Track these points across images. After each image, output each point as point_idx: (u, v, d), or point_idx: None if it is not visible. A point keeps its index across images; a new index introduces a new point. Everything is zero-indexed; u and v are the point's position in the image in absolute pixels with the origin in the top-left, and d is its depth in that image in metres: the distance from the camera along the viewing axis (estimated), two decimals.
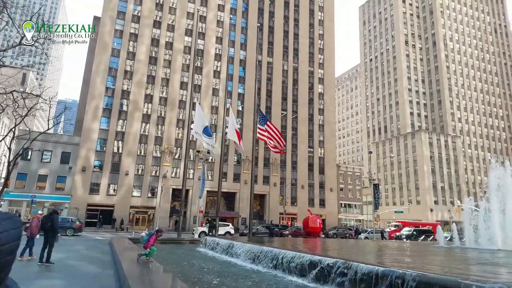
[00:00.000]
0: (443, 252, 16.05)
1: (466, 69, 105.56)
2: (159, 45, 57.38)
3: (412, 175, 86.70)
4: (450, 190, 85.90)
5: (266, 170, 60.80)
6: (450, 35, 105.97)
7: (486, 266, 9.77)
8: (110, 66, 53.74)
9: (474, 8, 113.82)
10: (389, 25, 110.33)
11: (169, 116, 55.77)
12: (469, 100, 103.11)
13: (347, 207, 71.05)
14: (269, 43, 66.10)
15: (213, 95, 59.56)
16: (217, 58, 61.17)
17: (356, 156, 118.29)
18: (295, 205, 61.21)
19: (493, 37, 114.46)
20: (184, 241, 24.66)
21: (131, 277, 7.84)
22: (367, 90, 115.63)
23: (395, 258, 11.82)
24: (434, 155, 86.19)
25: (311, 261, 9.37)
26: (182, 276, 9.62)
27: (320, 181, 65.07)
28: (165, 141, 54.59)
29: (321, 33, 72.53)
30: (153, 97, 55.52)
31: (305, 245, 17.71)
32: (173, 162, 54.57)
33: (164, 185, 51.66)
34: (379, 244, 22.71)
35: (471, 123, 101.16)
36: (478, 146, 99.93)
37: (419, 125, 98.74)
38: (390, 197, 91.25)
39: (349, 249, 16.96)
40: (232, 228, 40.85)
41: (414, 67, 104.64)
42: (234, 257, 14.35)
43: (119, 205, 50.03)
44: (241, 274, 10.89)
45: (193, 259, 14.76)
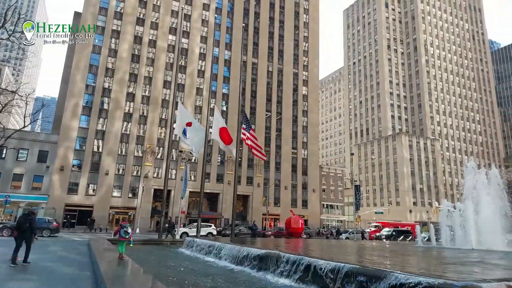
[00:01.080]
0: (413, 251, 16.42)
1: (445, 74, 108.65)
2: (142, 43, 56.46)
3: (392, 176, 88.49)
4: (429, 192, 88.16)
5: (250, 171, 60.75)
6: (431, 40, 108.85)
7: (443, 263, 10.02)
8: (90, 63, 52.47)
9: (454, 15, 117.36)
10: (372, 29, 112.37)
11: (151, 115, 54.93)
12: (448, 104, 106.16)
13: (329, 207, 71.82)
14: (254, 43, 66.12)
15: (197, 94, 59.06)
16: (201, 58, 60.70)
17: (339, 157, 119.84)
18: (278, 206, 61.40)
19: (471, 43, 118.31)
20: (165, 242, 24.38)
21: (108, 278, 7.63)
22: (350, 92, 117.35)
23: (358, 255, 11.99)
24: (413, 157, 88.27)
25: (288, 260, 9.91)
26: (161, 277, 9.46)
27: (303, 182, 65.53)
28: (147, 141, 53.73)
29: (306, 35, 73.11)
30: (135, 95, 54.56)
31: (287, 245, 17.73)
32: (155, 162, 53.78)
33: (146, 186, 50.84)
34: (355, 244, 23.01)
35: (449, 127, 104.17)
36: (455, 149, 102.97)
37: (400, 128, 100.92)
38: (371, 198, 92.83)
39: (322, 248, 17.11)
40: (214, 229, 40.59)
41: (396, 71, 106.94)
42: (215, 257, 14.31)
43: (98, 205, 48.90)
44: (221, 274, 10.84)
45: (173, 260, 14.61)
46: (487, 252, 15.46)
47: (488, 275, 7.26)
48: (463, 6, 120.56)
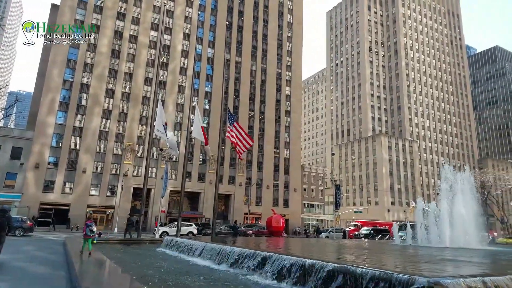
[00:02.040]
0: (389, 249, 16.78)
1: (424, 77, 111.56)
2: (122, 38, 55.26)
3: (371, 177, 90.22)
4: (406, 192, 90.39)
5: (232, 170, 60.55)
6: (411, 44, 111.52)
7: (407, 258, 10.28)
8: (68, 58, 50.94)
9: (433, 20, 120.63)
10: (355, 32, 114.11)
11: (131, 112, 53.88)
12: (426, 107, 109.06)
13: (309, 207, 72.52)
14: (237, 42, 65.89)
15: (179, 92, 58.35)
16: (184, 55, 59.99)
17: (320, 157, 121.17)
18: (259, 205, 61.48)
19: (449, 48, 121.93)
20: (144, 241, 24.06)
21: (83, 277, 7.41)
22: (332, 94, 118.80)
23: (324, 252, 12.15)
24: (392, 158, 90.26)
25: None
26: (138, 276, 9.27)
27: (285, 181, 65.88)
28: (126, 138, 52.67)
29: (290, 36, 73.47)
30: (115, 92, 53.37)
31: (266, 243, 17.76)
32: (135, 160, 52.81)
33: (125, 184, 49.88)
34: (334, 243, 23.31)
35: (427, 129, 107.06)
36: (432, 150, 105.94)
37: (380, 129, 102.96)
38: (350, 198, 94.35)
39: (298, 246, 17.26)
40: (195, 228, 40.37)
41: (377, 73, 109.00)
42: (194, 256, 14.27)
43: (75, 204, 47.60)
44: (200, 272, 10.80)
45: (152, 259, 14.47)
46: (460, 250, 15.94)
47: (459, 272, 7.48)
48: (442, 11, 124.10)
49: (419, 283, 5.87)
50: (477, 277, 6.29)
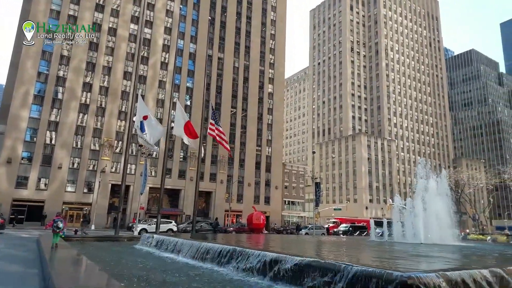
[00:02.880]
0: (365, 245, 17.10)
1: (403, 78, 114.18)
2: (101, 31, 53.74)
3: (351, 175, 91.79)
4: (384, 190, 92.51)
5: (213, 167, 60.19)
6: (391, 45, 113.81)
7: (376, 252, 10.50)
8: (43, 49, 49.10)
9: (413, 22, 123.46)
10: (337, 31, 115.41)
11: (110, 107, 52.58)
12: (404, 107, 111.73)
13: (290, 204, 73.08)
14: (220, 38, 65.36)
15: (160, 87, 57.39)
16: (165, 49, 58.98)
17: (301, 155, 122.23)
18: (241, 202, 61.44)
19: (428, 50, 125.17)
20: (122, 238, 23.66)
21: (58, 275, 7.12)
22: (314, 92, 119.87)
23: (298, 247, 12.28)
24: (371, 157, 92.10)
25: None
26: (115, 274, 9.06)
27: (267, 179, 66.07)
28: (104, 134, 51.42)
29: (273, 33, 73.50)
30: (93, 85, 51.92)
31: (243, 240, 17.75)
32: (113, 156, 51.64)
33: (102, 180, 48.72)
34: (312, 239, 23.55)
35: (405, 129, 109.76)
36: (410, 150, 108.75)
37: (360, 128, 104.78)
38: (330, 195, 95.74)
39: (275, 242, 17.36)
40: (175, 225, 39.97)
41: (358, 73, 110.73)
42: (173, 253, 14.23)
43: (50, 200, 46.13)
44: (178, 269, 10.75)
45: (129, 256, 14.29)
46: (433, 246, 16.39)
47: (431, 267, 7.66)
48: (422, 13, 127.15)
49: (393, 277, 5.95)
50: (449, 271, 6.47)
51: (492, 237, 39.27)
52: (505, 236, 42.54)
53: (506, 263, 8.62)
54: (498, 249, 16.68)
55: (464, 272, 6.49)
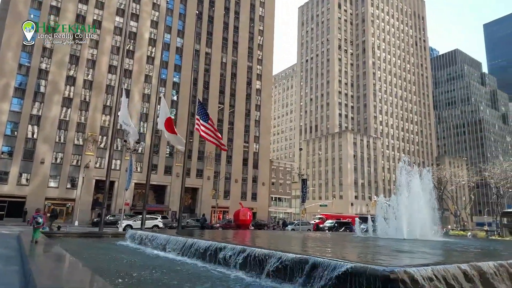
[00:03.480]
0: (349, 240, 17.32)
1: (389, 77, 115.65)
2: (85, 23, 52.47)
3: (337, 172, 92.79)
4: (369, 187, 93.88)
5: (200, 163, 59.83)
6: (378, 44, 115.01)
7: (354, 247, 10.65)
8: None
9: (400, 21, 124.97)
10: (325, 29, 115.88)
11: (94, 101, 51.54)
12: (390, 105, 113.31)
13: (277, 200, 73.41)
14: (208, 33, 64.74)
15: (146, 82, 56.54)
16: (151, 43, 58.09)
17: (289, 152, 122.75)
18: (227, 199, 61.34)
19: (413, 49, 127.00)
20: (106, 234, 23.36)
21: (39, 272, 6.90)
22: (302, 89, 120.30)
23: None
24: (357, 154, 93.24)
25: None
26: (99, 270, 8.91)
27: (254, 175, 66.11)
28: (88, 128, 50.43)
29: (261, 29, 73.25)
30: (77, 79, 50.77)
31: (229, 236, 17.74)
32: (98, 151, 50.74)
33: (86, 176, 47.86)
34: (296, 235, 23.70)
35: (390, 126, 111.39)
36: (394, 147, 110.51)
37: (346, 125, 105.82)
38: (316, 192, 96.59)
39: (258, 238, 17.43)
40: (161, 221, 39.59)
41: (345, 71, 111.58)
42: (159, 249, 14.18)
43: (32, 196, 45.07)
44: (163, 265, 10.69)
45: (114, 252, 14.14)
46: (416, 242, 16.69)
47: (413, 262, 7.78)
48: (409, 13, 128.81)
49: (376, 272, 6.02)
50: (429, 266, 6.62)
51: (472, 233, 40.35)
52: (484, 232, 43.80)
53: (484, 258, 8.84)
54: (476, 244, 17.14)
55: (445, 267, 6.67)
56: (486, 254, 12.05)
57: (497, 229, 48.93)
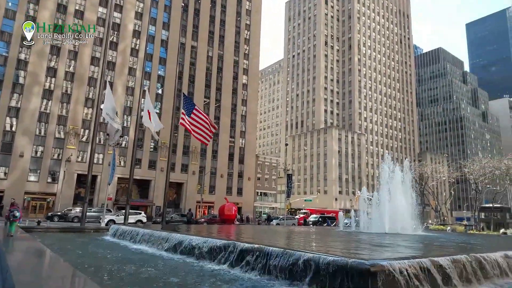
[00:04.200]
0: (332, 234, 17.54)
1: (374, 74, 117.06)
2: (66, 12, 50.93)
3: (322, 167, 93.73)
4: (353, 182, 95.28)
5: (185, 158, 59.32)
6: (364, 41, 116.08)
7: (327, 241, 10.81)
8: (2, 30, 46.01)
9: (385, 18, 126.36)
10: (312, 24, 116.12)
11: (76, 93, 50.26)
12: (374, 102, 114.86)
13: (262, 195, 73.67)
14: (194, 26, 63.86)
15: (129, 74, 55.43)
16: (135, 35, 56.91)
17: (274, 147, 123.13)
18: (213, 194, 61.12)
19: (398, 47, 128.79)
20: (88, 229, 23.14)
21: (18, 269, 6.70)
22: (288, 85, 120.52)
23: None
24: (342, 150, 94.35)
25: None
26: (80, 266, 8.75)
27: (239, 170, 66.02)
28: (70, 121, 49.20)
29: (248, 23, 72.77)
30: (58, 70, 49.35)
31: (211, 230, 17.71)
32: (79, 145, 49.63)
33: (68, 170, 46.81)
34: (280, 229, 23.83)
35: (374, 123, 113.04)
36: (378, 143, 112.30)
37: (331, 121, 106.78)
38: (301, 187, 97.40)
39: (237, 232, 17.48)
40: (144, 216, 39.36)
41: (331, 67, 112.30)
42: (141, 244, 14.13)
43: (10, 190, 43.69)
44: (145, 260, 10.62)
45: (96, 247, 14.04)
46: (397, 236, 17.02)
47: (394, 255, 7.93)
48: (394, 11, 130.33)
49: (357, 265, 6.11)
50: (409, 259, 6.78)
51: (451, 228, 41.50)
52: (463, 227, 45.13)
53: (461, 252, 9.08)
54: (454, 238, 17.62)
55: (424, 260, 6.86)
56: (463, 248, 12.38)
57: (475, 224, 50.51)
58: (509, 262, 8.52)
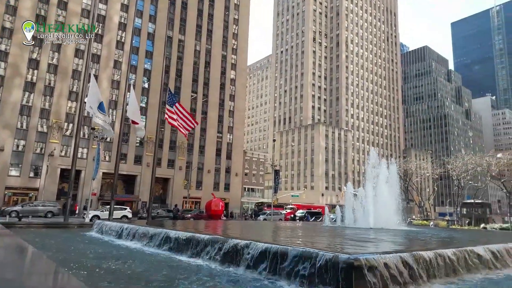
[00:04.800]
0: (317, 230, 17.70)
1: (361, 71, 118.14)
2: (49, 3, 49.54)
3: (309, 163, 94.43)
4: (339, 178, 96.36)
5: (172, 153, 58.81)
6: (351, 38, 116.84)
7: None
8: None
9: (373, 16, 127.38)
10: (300, 20, 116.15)
11: (59, 86, 49.10)
12: (361, 99, 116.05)
13: (250, 191, 73.79)
14: (181, 19, 63.04)
15: (115, 68, 54.46)
16: (121, 28, 55.83)
17: (262, 143, 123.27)
18: (200, 189, 60.87)
19: (385, 44, 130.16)
20: (72, 225, 22.79)
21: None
22: (276, 81, 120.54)
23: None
24: (328, 146, 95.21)
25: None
26: (63, 262, 8.57)
27: (227, 166, 65.87)
28: (53, 115, 48.10)
29: (236, 18, 72.26)
30: (40, 62, 48.08)
31: (196, 226, 17.64)
32: (63, 139, 48.60)
33: (51, 164, 45.81)
34: (267, 224, 23.91)
35: (361, 120, 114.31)
36: (364, 140, 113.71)
37: (319, 118, 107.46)
38: (289, 183, 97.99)
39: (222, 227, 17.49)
40: (130, 212, 38.97)
41: (319, 64, 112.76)
42: (126, 240, 14.00)
43: None
44: (130, 256, 10.50)
45: (80, 243, 13.77)
46: (381, 230, 17.27)
47: (377, 249, 8.04)
48: (381, 8, 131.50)
49: (341, 259, 6.16)
50: (392, 253, 6.88)
51: (434, 223, 42.43)
52: (445, 222, 46.23)
53: (443, 246, 9.26)
54: (437, 233, 18.00)
55: (407, 254, 6.97)
56: (446, 243, 12.64)
57: (457, 219, 51.80)
58: (485, 256, 8.78)
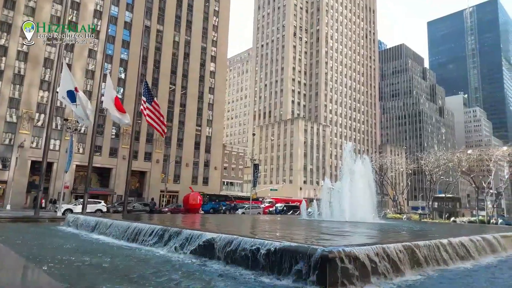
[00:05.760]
0: (290, 223, 17.91)
1: (340, 67, 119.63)
2: None
3: (288, 157, 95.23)
4: (317, 172, 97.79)
5: (149, 146, 57.69)
6: (331, 34, 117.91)
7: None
8: None
9: (353, 12, 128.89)
10: (281, 15, 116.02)
11: (30, 75, 46.96)
12: (340, 94, 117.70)
13: (229, 185, 73.69)
14: (160, 9, 61.51)
15: (90, 57, 52.61)
16: (96, 15, 53.88)
17: (242, 137, 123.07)
18: (178, 183, 60.17)
19: (364, 41, 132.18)
20: (43, 219, 22.13)
21: None
22: (256, 75, 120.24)
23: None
24: (307, 140, 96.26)
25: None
26: (33, 258, 8.21)
27: (206, 159, 65.36)
28: (23, 105, 46.02)
29: (217, 10, 71.27)
30: (9, 49, 45.74)
31: (173, 220, 17.47)
32: (34, 130, 46.66)
33: (21, 156, 43.95)
34: (245, 217, 23.97)
35: (339, 115, 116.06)
36: (342, 135, 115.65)
37: (298, 113, 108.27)
38: (268, 176, 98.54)
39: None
40: (104, 206, 38.08)
41: (299, 59, 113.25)
42: (101, 234, 13.76)
43: None
44: (104, 250, 10.29)
45: (51, 238, 13.39)
46: (356, 224, 17.64)
47: (351, 242, 8.15)
48: (361, 5, 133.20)
49: (316, 252, 6.20)
50: (366, 245, 7.00)
51: (407, 216, 43.88)
52: (418, 215, 47.88)
53: (416, 238, 9.52)
54: (409, 226, 18.56)
55: (380, 246, 7.10)
56: (418, 235, 13.04)
57: (429, 212, 53.72)
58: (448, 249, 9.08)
